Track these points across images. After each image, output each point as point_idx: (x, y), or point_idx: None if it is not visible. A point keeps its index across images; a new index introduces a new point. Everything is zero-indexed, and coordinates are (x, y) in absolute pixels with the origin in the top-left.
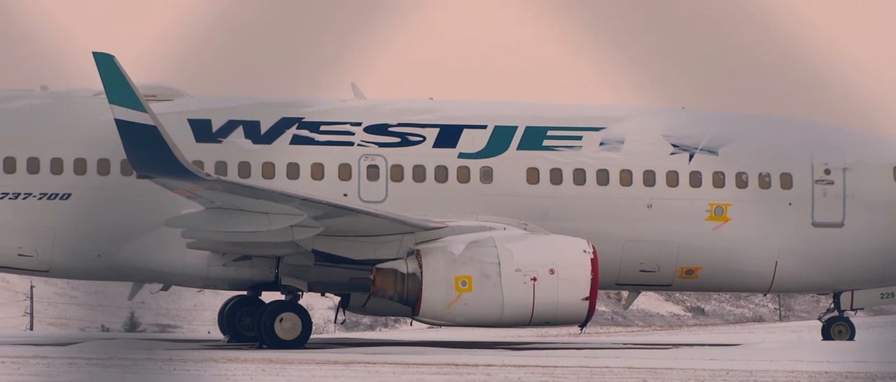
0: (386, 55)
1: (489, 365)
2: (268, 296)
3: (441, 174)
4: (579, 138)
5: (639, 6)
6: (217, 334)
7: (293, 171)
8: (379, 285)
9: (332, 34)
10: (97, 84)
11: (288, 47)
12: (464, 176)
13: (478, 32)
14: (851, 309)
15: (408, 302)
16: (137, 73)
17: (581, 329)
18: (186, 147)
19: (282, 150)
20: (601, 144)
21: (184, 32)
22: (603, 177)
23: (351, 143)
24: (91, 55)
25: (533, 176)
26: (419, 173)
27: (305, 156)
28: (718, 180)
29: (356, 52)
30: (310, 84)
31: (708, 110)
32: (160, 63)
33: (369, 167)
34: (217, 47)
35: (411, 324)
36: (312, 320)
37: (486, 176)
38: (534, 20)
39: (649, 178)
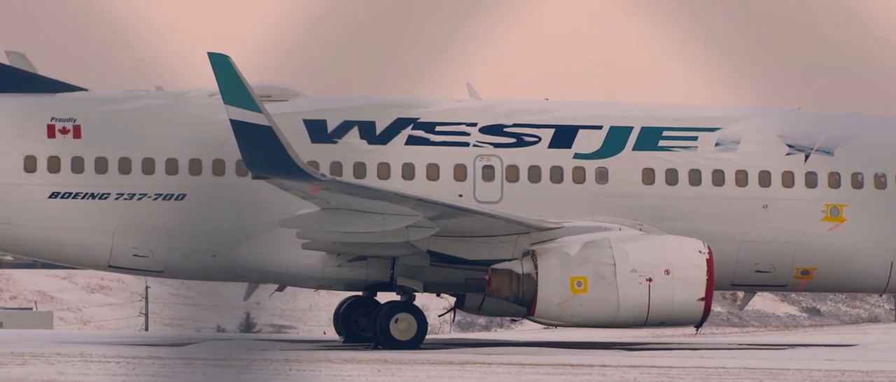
0: (502, 56)
1: (605, 366)
2: (383, 297)
3: (556, 174)
4: (695, 138)
5: (755, 9)
6: (332, 334)
7: (408, 172)
8: (494, 285)
9: (448, 34)
10: (212, 84)
11: (404, 48)
12: (579, 176)
13: (593, 33)
14: None
15: (523, 303)
16: (252, 74)
17: (696, 330)
18: (302, 147)
19: (397, 151)
20: (717, 145)
21: (300, 33)
22: (718, 177)
23: (466, 144)
24: (206, 55)
25: (648, 176)
26: (534, 174)
27: (421, 156)
28: (834, 181)
29: (472, 52)
30: (425, 84)
31: (823, 111)
32: (275, 63)
33: (485, 167)
34: (333, 48)
35: (521, 324)
36: (428, 320)
37: (602, 176)
38: (647, 21)
39: (765, 179)
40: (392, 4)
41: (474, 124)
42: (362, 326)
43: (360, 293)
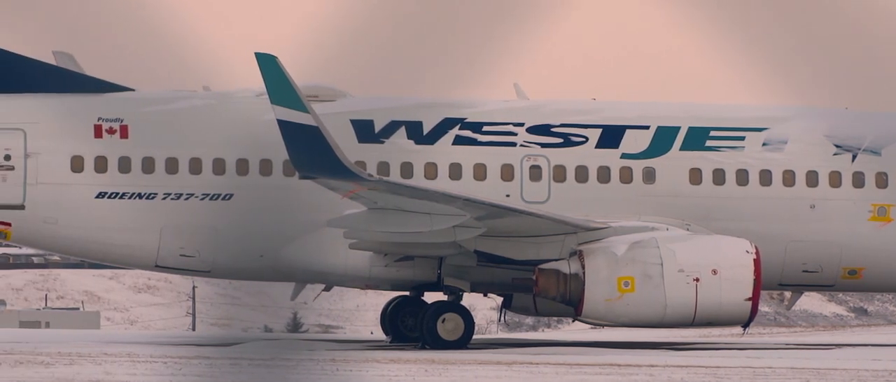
0: (549, 56)
1: (652, 366)
2: (430, 297)
3: (604, 174)
4: (742, 138)
5: (800, 9)
6: (380, 334)
7: (455, 172)
8: (541, 285)
9: (495, 34)
10: (259, 84)
11: (451, 48)
12: (626, 176)
13: (640, 33)
14: None
15: (570, 303)
16: (299, 74)
17: (744, 330)
18: (349, 147)
19: (444, 151)
20: (764, 145)
21: (347, 33)
22: (766, 177)
23: (513, 144)
24: (254, 56)
25: (696, 176)
26: (582, 173)
27: (468, 156)
28: (881, 181)
29: (519, 52)
30: (472, 84)
31: (870, 111)
32: (321, 63)
33: (532, 167)
34: (380, 48)
35: (572, 322)
36: (475, 320)
37: (649, 176)
38: (691, 22)
39: (812, 179)
40: (439, 4)
41: (521, 124)
42: (409, 326)
43: (408, 293)
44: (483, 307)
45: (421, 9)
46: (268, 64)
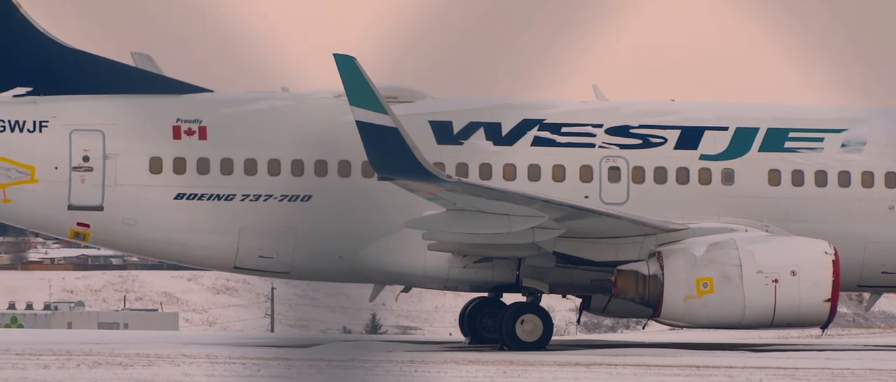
0: (628, 57)
1: (730, 367)
2: (509, 298)
3: (682, 176)
4: (821, 139)
5: (883, 10)
6: (458, 335)
7: (534, 173)
8: (620, 286)
9: (575, 34)
10: (338, 86)
11: (529, 49)
12: (705, 177)
13: (719, 34)
14: None
15: (649, 304)
16: (378, 75)
17: (822, 331)
18: (427, 149)
19: (523, 152)
20: (843, 146)
21: (425, 35)
22: (844, 178)
23: (592, 145)
24: (332, 57)
25: (774, 177)
26: (660, 175)
27: (547, 157)
28: None
29: (598, 53)
30: (551, 86)
31: None
32: (400, 64)
33: (611, 169)
34: (458, 50)
35: (643, 328)
36: (553, 322)
37: (728, 177)
38: (770, 22)
39: (891, 180)
40: (518, 4)
41: (600, 125)
42: (488, 327)
43: (486, 294)
44: (561, 308)
45: (501, 10)
46: (346, 65)
